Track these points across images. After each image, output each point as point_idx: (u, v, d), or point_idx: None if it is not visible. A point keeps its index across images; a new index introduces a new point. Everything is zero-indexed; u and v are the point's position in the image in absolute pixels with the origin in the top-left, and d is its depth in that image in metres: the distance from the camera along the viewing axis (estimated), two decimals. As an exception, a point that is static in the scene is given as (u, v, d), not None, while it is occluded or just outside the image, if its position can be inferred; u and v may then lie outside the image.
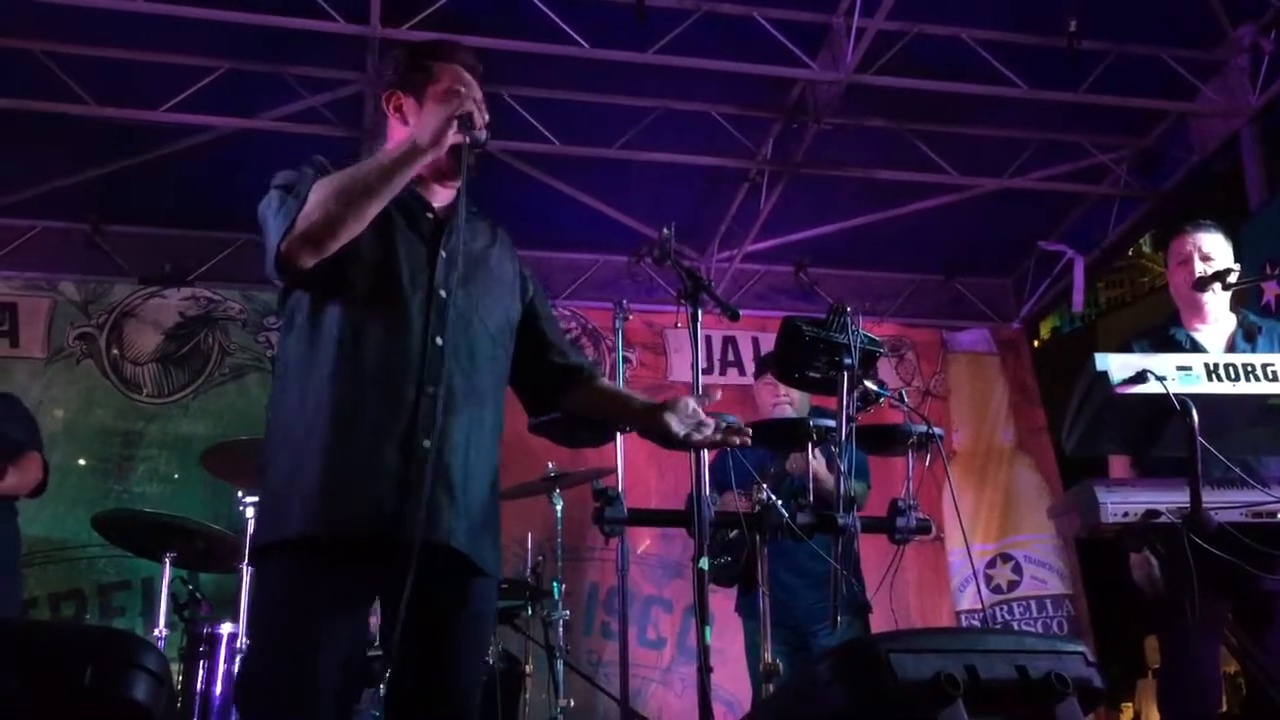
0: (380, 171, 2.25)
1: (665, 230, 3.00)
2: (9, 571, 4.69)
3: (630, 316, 4.10)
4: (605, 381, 2.79)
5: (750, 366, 7.27)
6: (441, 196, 2.51)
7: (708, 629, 2.72)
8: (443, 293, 2.38)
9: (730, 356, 7.29)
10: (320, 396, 2.28)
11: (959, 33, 5.47)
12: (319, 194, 2.24)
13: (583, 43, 5.24)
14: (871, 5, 5.12)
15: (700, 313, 2.86)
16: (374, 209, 2.26)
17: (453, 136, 2.28)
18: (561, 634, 4.73)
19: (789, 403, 4.48)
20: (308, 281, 2.33)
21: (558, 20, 5.18)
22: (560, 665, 4.66)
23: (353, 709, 2.51)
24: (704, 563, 2.70)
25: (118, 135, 5.90)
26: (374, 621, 2.71)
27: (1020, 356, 7.78)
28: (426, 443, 2.25)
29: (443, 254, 2.42)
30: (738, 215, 6.84)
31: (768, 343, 7.22)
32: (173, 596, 4.36)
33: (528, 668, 4.85)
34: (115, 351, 6.68)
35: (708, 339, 7.16)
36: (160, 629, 4.31)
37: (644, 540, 6.66)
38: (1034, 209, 6.95)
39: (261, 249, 2.33)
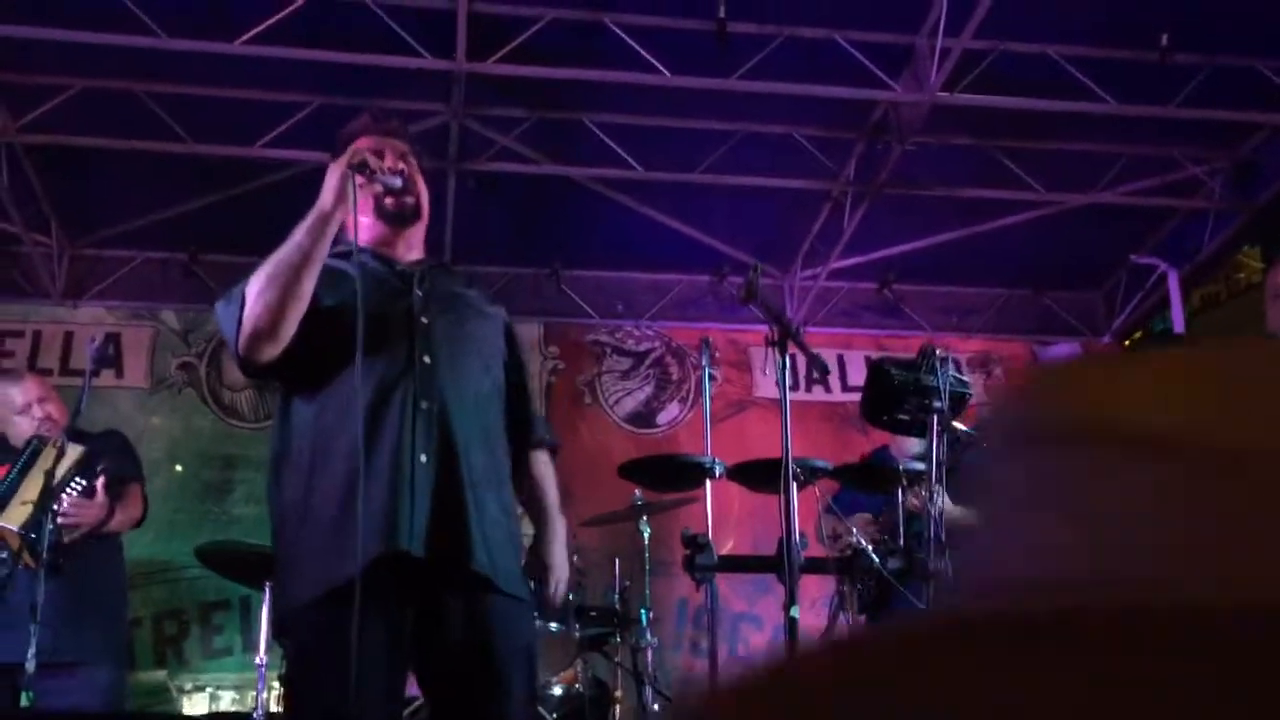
0: (297, 248, 2.28)
1: (752, 271, 3.02)
2: (118, 594, 4.85)
3: (717, 354, 4.11)
4: (539, 468, 2.71)
5: (836, 384, 7.23)
6: (406, 251, 2.59)
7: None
8: (424, 319, 2.44)
9: (815, 375, 7.25)
10: (314, 444, 2.33)
11: (1046, 49, 5.38)
12: (254, 288, 2.29)
13: (665, 70, 5.26)
14: (957, 24, 5.04)
15: (788, 361, 2.87)
16: (307, 284, 2.29)
17: (361, 186, 2.37)
18: (651, 660, 4.76)
19: None
20: (281, 370, 2.38)
21: (639, 49, 5.20)
22: (649, 692, 4.70)
23: None
24: (795, 611, 2.71)
25: (214, 169, 6.06)
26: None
27: (1112, 370, 7.61)
28: (423, 457, 2.28)
29: (418, 292, 2.48)
30: (821, 233, 6.79)
31: (852, 360, 7.20)
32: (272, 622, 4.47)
33: (617, 694, 4.90)
34: (213, 378, 6.87)
35: (792, 357, 7.10)
36: (261, 655, 4.42)
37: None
38: (1125, 222, 6.80)
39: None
